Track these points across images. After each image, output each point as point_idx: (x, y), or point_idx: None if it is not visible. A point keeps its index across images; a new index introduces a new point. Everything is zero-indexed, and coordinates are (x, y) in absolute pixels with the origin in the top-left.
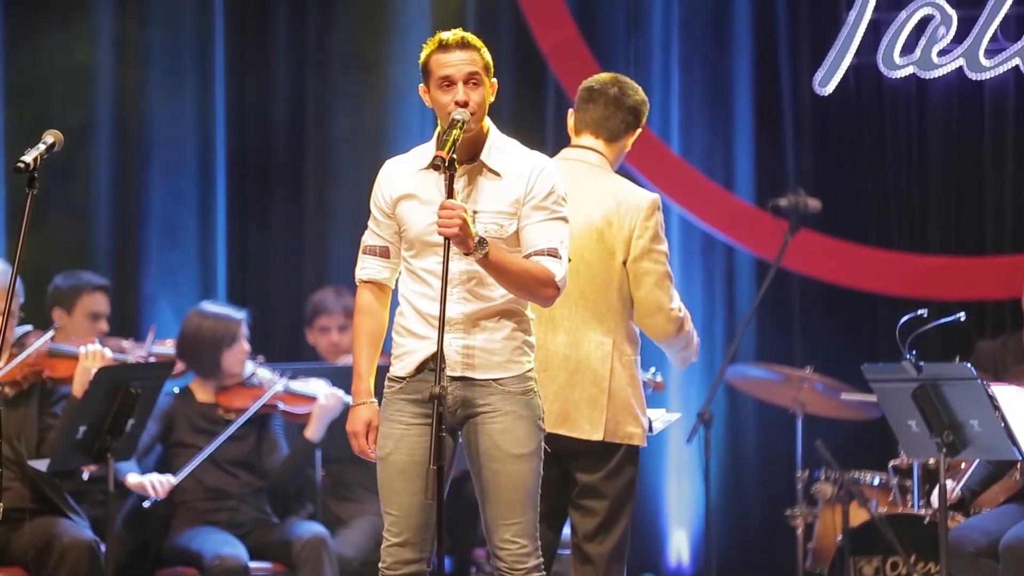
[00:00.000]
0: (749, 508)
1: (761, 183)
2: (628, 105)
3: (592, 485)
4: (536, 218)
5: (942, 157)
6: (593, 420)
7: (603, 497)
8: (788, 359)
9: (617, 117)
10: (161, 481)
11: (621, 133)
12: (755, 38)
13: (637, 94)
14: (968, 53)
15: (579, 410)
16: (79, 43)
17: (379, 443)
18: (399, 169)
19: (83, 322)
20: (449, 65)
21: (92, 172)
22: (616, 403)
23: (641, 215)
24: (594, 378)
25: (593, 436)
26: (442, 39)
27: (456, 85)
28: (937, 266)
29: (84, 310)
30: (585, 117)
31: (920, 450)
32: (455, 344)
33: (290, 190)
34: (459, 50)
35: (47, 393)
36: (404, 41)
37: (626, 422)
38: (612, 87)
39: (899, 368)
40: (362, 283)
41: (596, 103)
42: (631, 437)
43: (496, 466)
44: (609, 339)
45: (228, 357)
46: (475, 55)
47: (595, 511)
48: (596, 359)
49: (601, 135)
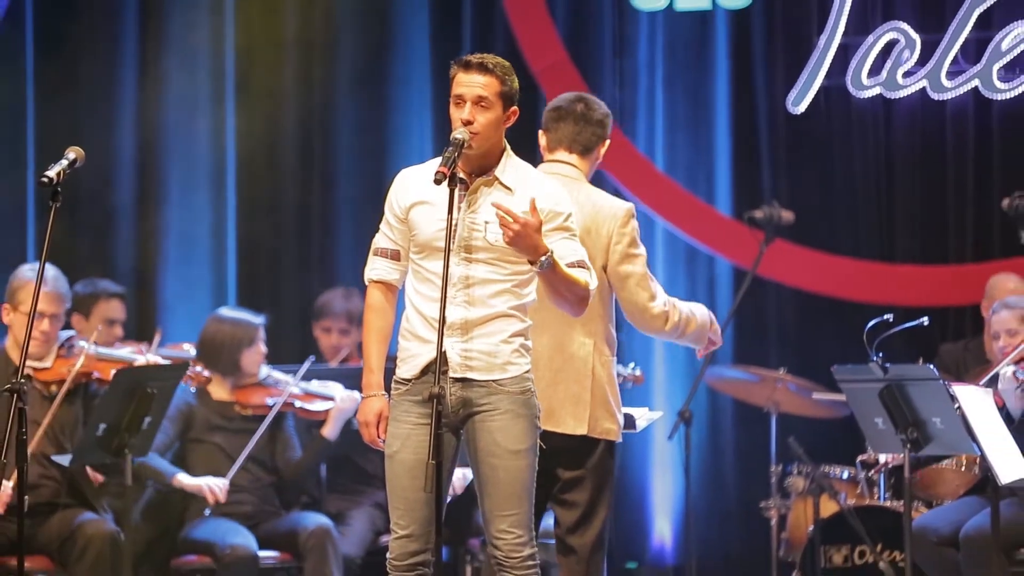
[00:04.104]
0: (727, 500)
1: (739, 196)
2: (596, 119)
3: (573, 480)
4: (558, 236)
5: (907, 171)
6: (577, 416)
7: (583, 491)
8: (763, 361)
9: (587, 131)
10: (219, 485)
11: (593, 145)
12: (733, 61)
13: (601, 108)
14: (931, 75)
15: (563, 407)
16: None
17: (388, 441)
18: (414, 178)
19: (99, 327)
20: (463, 84)
21: (116, 186)
22: (596, 400)
23: (618, 222)
24: (577, 376)
25: (577, 431)
26: (466, 59)
27: (465, 104)
28: (903, 274)
29: (100, 316)
30: (557, 135)
31: (886, 446)
32: (456, 347)
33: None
34: (477, 72)
35: (90, 396)
36: (405, 63)
37: (604, 418)
38: (578, 104)
39: (867, 369)
40: (372, 282)
41: (565, 121)
42: (608, 433)
43: (494, 461)
44: (590, 340)
45: (247, 357)
46: (492, 80)
47: (576, 504)
48: (579, 359)
49: (575, 150)
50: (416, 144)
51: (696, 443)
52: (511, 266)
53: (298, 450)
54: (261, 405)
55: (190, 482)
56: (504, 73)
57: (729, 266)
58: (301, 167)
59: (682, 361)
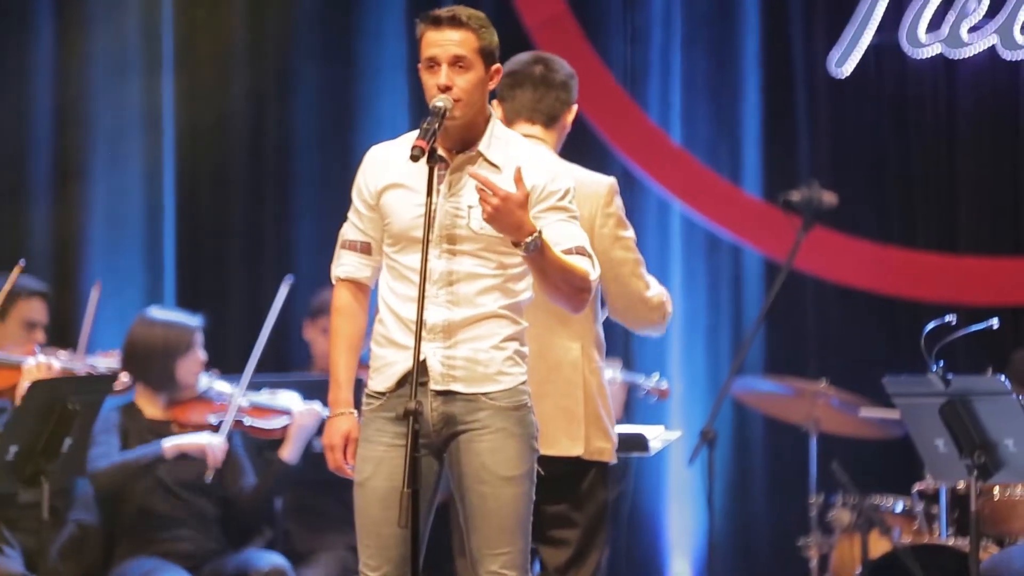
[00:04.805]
0: (757, 537)
1: (771, 176)
2: (558, 82)
3: (562, 513)
4: (554, 218)
5: (973, 147)
6: (571, 433)
7: (574, 525)
8: (801, 371)
9: (549, 97)
10: (219, 443)
11: (558, 113)
12: (765, 14)
13: (564, 68)
14: (1002, 29)
15: (554, 423)
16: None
17: (357, 466)
18: (386, 156)
19: (17, 331)
20: (435, 44)
21: (29, 161)
22: (588, 416)
23: (600, 202)
24: (567, 388)
25: (573, 451)
26: (434, 14)
27: (440, 67)
28: (967, 267)
29: (19, 318)
30: (515, 105)
31: (948, 472)
32: (438, 354)
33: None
34: (450, 28)
35: None
36: (376, 18)
37: (597, 437)
38: (536, 67)
39: (925, 381)
40: (339, 281)
41: (523, 88)
42: (601, 453)
43: (484, 489)
44: (577, 344)
45: (183, 368)
46: (468, 35)
47: (567, 541)
48: (566, 366)
49: (537, 120)
50: (387, 113)
51: (721, 468)
52: (499, 257)
53: (251, 475)
54: (203, 424)
55: (187, 441)
56: (480, 25)
57: (759, 258)
58: (252, 139)
59: (703, 371)
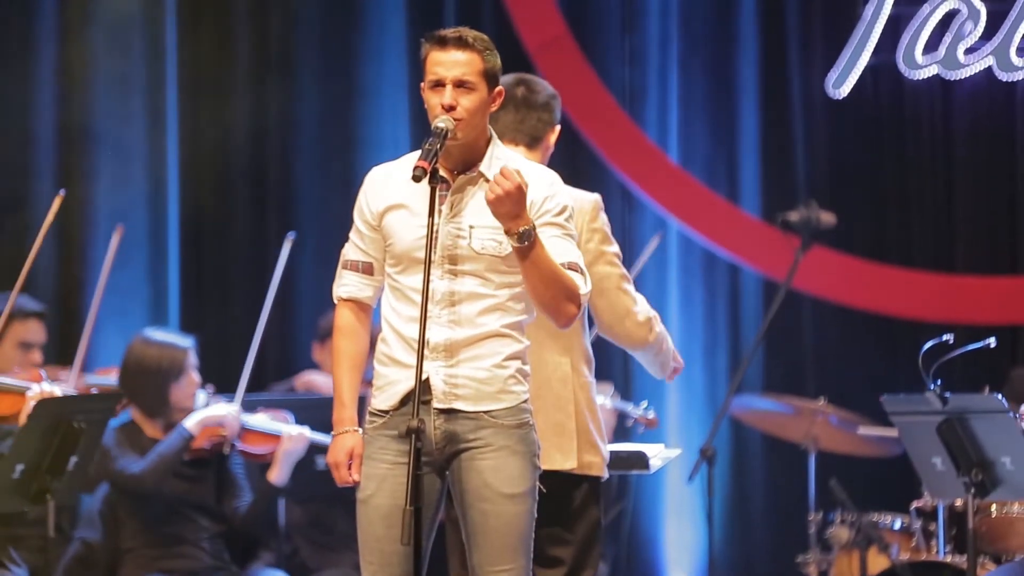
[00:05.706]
0: (756, 554)
1: (769, 195)
2: (540, 103)
3: (555, 532)
4: (549, 233)
5: (970, 166)
6: (563, 448)
7: (567, 543)
8: (799, 389)
9: (532, 118)
10: (235, 412)
11: (541, 134)
12: (762, 35)
13: (546, 89)
14: (998, 51)
15: (546, 438)
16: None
17: (361, 484)
18: (387, 176)
19: (12, 352)
20: (440, 64)
21: (32, 178)
22: (579, 430)
23: (586, 217)
24: (557, 402)
25: (565, 466)
26: (440, 34)
27: (445, 87)
28: (964, 286)
29: (15, 339)
30: (497, 126)
31: (946, 490)
32: (440, 373)
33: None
34: (455, 49)
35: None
36: (377, 40)
37: (587, 451)
38: (518, 88)
39: (922, 399)
40: (341, 301)
41: (505, 109)
42: (590, 467)
43: (486, 507)
44: (566, 359)
45: (176, 391)
46: (473, 57)
47: (560, 560)
48: (556, 382)
49: (520, 141)
50: (389, 134)
51: (720, 486)
52: (501, 277)
53: (247, 494)
54: (200, 448)
55: (207, 414)
56: (485, 48)
57: (757, 277)
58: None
59: (701, 389)
